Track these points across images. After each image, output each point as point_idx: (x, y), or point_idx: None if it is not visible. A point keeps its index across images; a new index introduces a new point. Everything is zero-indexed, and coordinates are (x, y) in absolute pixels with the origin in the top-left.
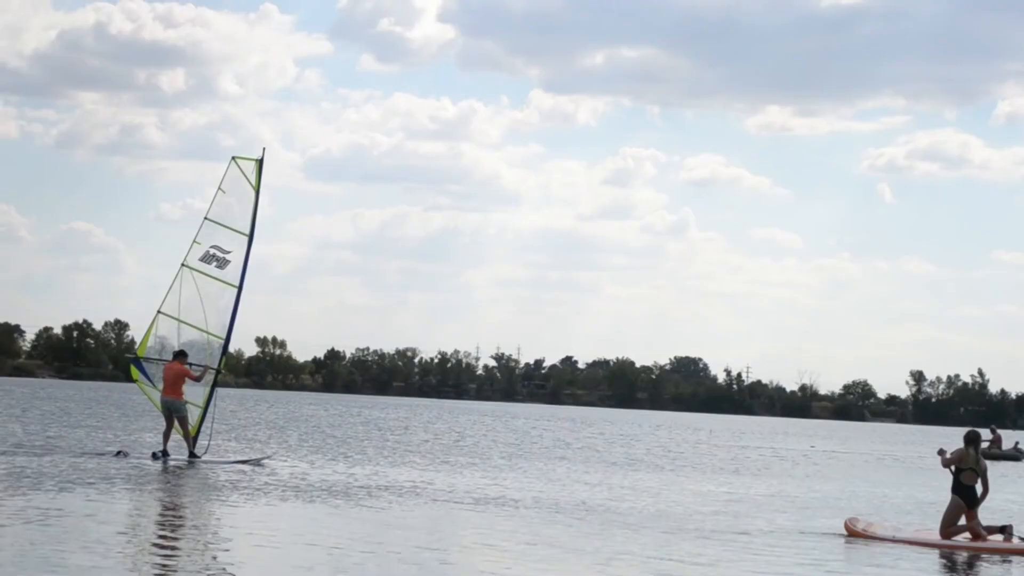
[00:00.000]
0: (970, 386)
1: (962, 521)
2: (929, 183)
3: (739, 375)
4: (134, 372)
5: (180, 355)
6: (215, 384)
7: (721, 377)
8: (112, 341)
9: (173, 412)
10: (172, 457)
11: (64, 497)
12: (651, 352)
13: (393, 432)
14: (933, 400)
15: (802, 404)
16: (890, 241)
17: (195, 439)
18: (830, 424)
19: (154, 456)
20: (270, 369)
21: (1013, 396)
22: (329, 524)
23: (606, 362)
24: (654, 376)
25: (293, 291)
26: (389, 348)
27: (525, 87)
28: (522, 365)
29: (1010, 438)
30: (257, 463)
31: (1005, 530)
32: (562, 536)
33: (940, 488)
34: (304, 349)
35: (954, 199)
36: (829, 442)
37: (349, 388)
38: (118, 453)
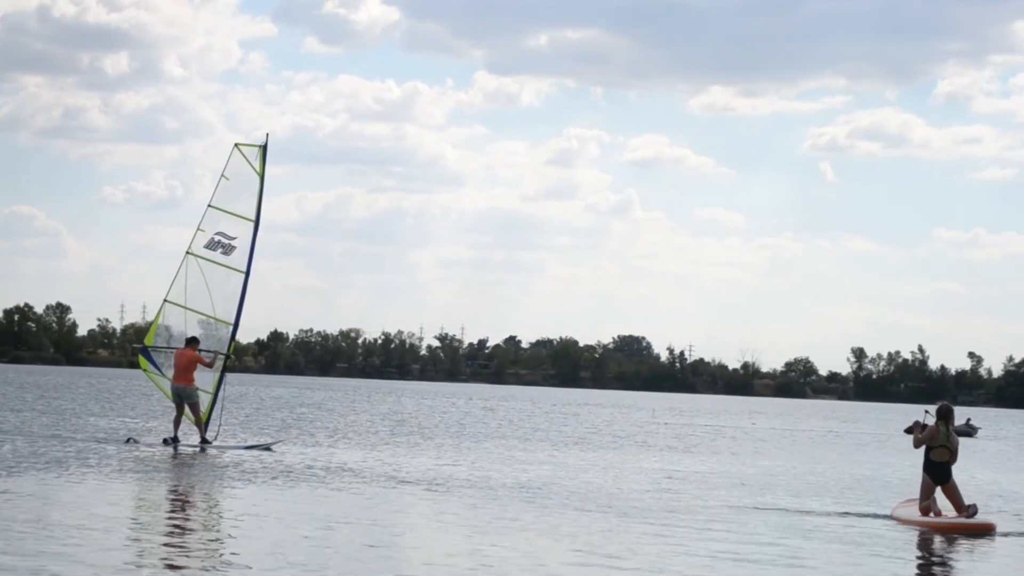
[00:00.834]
0: (910, 363)
1: (941, 499)
2: (870, 162)
3: (682, 353)
4: (142, 362)
5: (192, 341)
6: (225, 369)
7: (664, 356)
8: (54, 324)
9: (184, 399)
10: (182, 443)
11: (75, 482)
12: (594, 331)
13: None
14: (874, 377)
15: (744, 382)
16: (832, 220)
17: (206, 425)
18: (772, 401)
19: (165, 442)
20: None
21: (953, 372)
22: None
23: (550, 341)
24: (597, 355)
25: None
26: (333, 329)
27: (469, 69)
28: (466, 345)
29: (961, 415)
30: (268, 448)
31: (968, 508)
32: (511, 516)
33: (881, 464)
34: (247, 331)
35: (895, 178)
36: (771, 419)
37: (292, 370)
38: (128, 440)
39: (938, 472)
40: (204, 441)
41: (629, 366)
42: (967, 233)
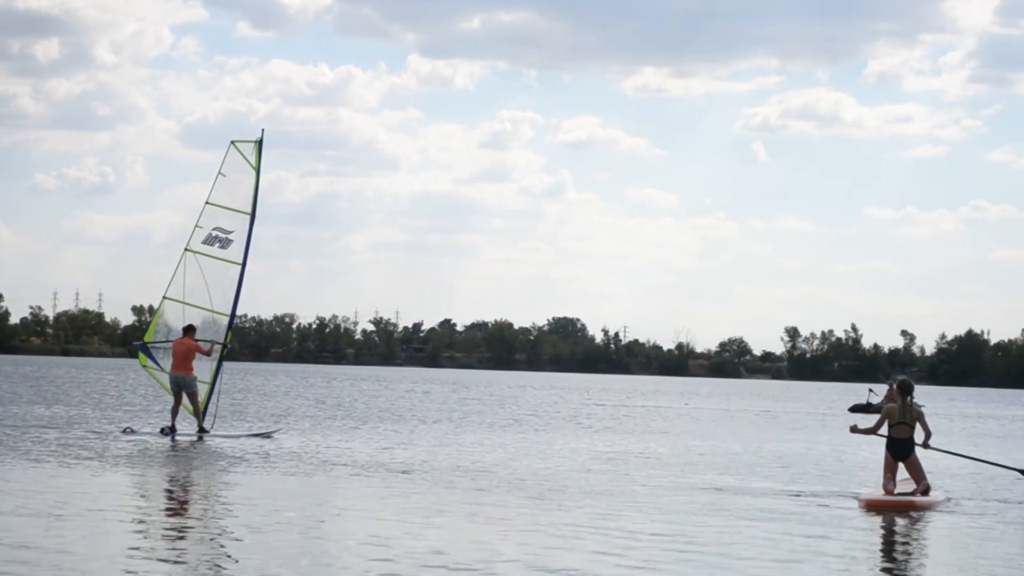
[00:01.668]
0: (844, 341)
1: (904, 475)
2: (802, 142)
3: (616, 335)
4: (142, 358)
5: (189, 330)
6: (222, 359)
7: (599, 337)
8: None
9: (183, 388)
10: (179, 432)
11: (71, 472)
12: (529, 314)
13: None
14: (808, 356)
15: (679, 362)
16: (764, 200)
17: (204, 414)
18: (707, 381)
19: (162, 431)
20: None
21: (886, 350)
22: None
23: (484, 324)
24: (532, 337)
25: (170, 260)
26: (267, 314)
27: (402, 52)
28: (400, 329)
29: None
30: (267, 436)
31: (921, 484)
32: (451, 500)
33: (816, 442)
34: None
35: (827, 157)
36: (705, 399)
37: (227, 355)
38: (125, 430)
39: (898, 448)
40: (202, 430)
41: (564, 348)
42: (899, 211)
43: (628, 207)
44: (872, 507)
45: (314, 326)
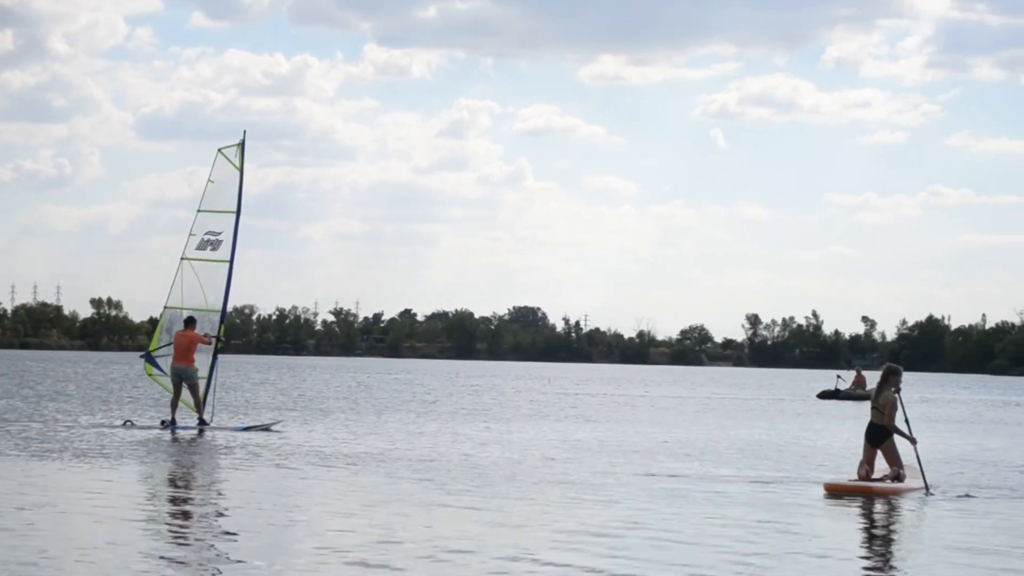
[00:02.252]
0: (805, 328)
1: (881, 461)
2: (761, 128)
3: (577, 323)
4: (148, 368)
5: (190, 322)
6: (216, 352)
7: (560, 326)
8: None
9: (184, 380)
10: (179, 425)
11: (76, 467)
12: (490, 303)
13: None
14: (769, 343)
15: (640, 350)
16: (724, 187)
17: (203, 406)
18: (668, 369)
19: (163, 424)
20: (106, 330)
21: (847, 336)
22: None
23: (445, 314)
24: (493, 327)
25: (128, 251)
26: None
27: (359, 41)
28: (361, 319)
29: (873, 378)
30: (268, 429)
31: (892, 469)
32: (411, 491)
33: (776, 428)
34: (140, 309)
35: (785, 144)
36: (665, 387)
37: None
38: (125, 423)
39: (871, 434)
40: (202, 422)
41: (525, 337)
42: (858, 197)
43: (587, 195)
44: (831, 491)
45: (274, 317)
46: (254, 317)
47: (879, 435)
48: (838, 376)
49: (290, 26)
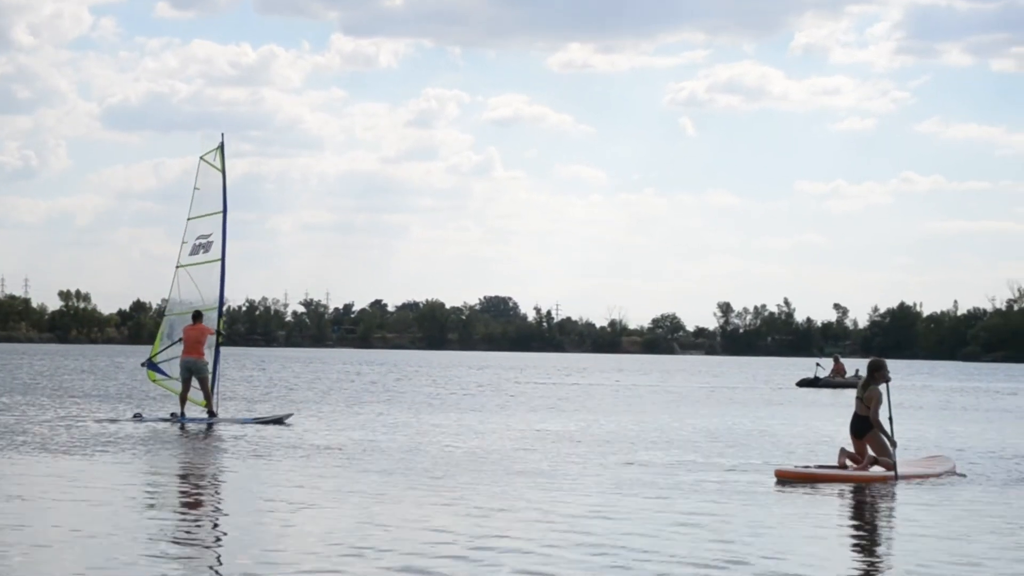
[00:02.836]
0: (777, 315)
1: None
2: (730, 116)
3: (549, 313)
4: (151, 375)
5: (198, 317)
6: (218, 346)
7: (531, 315)
8: None
9: (194, 373)
10: (188, 418)
11: (87, 461)
12: (460, 293)
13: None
14: (741, 331)
15: (612, 339)
16: (693, 174)
17: (211, 398)
18: (640, 358)
19: (172, 417)
20: (74, 323)
21: (819, 324)
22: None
23: (416, 304)
24: (464, 317)
25: (95, 243)
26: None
27: (325, 31)
28: (331, 310)
29: (852, 366)
30: (279, 421)
31: (867, 459)
32: (378, 483)
33: (748, 416)
34: (109, 301)
35: (755, 131)
36: (637, 376)
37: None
38: (135, 416)
39: (855, 426)
40: (211, 415)
41: (496, 327)
42: (828, 184)
43: (557, 184)
44: (781, 478)
45: (244, 309)
46: (224, 308)
47: (863, 427)
48: (817, 364)
49: (256, 15)
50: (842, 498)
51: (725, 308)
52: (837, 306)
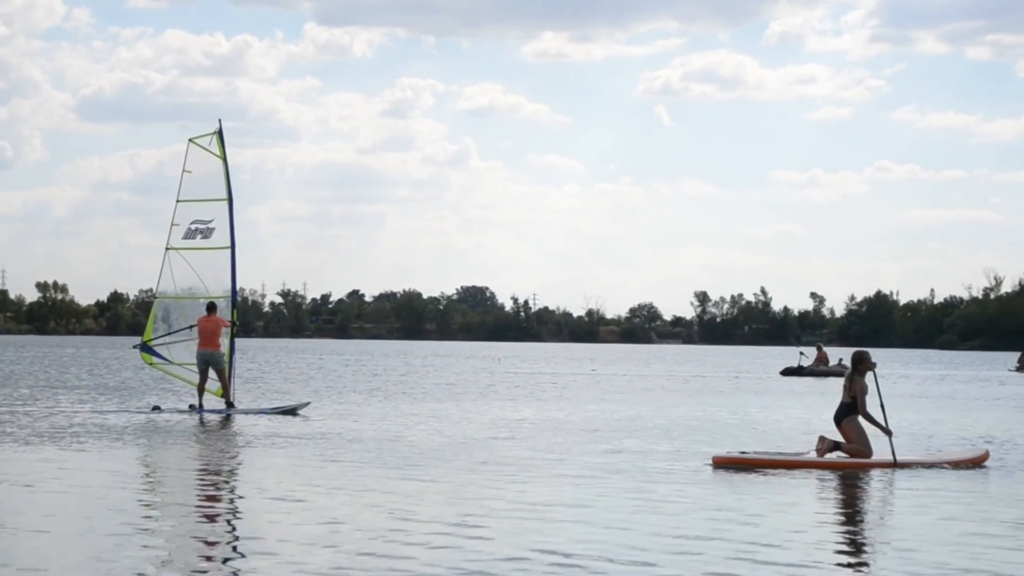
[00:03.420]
0: (754, 305)
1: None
2: (705, 105)
3: (526, 302)
4: (145, 357)
5: (212, 308)
6: (233, 337)
7: (508, 305)
8: None
9: (211, 364)
10: (206, 410)
11: (107, 452)
12: (438, 283)
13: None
14: (718, 320)
15: (589, 329)
16: (669, 164)
17: (229, 389)
18: (617, 348)
19: (191, 408)
20: (52, 314)
21: (796, 313)
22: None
23: (393, 294)
24: (441, 307)
25: (72, 234)
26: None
27: (299, 20)
28: (309, 301)
29: (834, 355)
30: (295, 411)
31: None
32: (355, 473)
33: (725, 405)
34: (86, 293)
35: (731, 120)
36: (613, 365)
37: (134, 331)
38: (154, 408)
39: (837, 413)
40: (229, 405)
41: (473, 316)
42: (804, 173)
43: (533, 174)
44: (718, 464)
45: (221, 300)
46: (200, 300)
47: (841, 412)
48: (801, 353)
49: (229, 5)
50: (786, 482)
51: (702, 297)
52: (814, 295)
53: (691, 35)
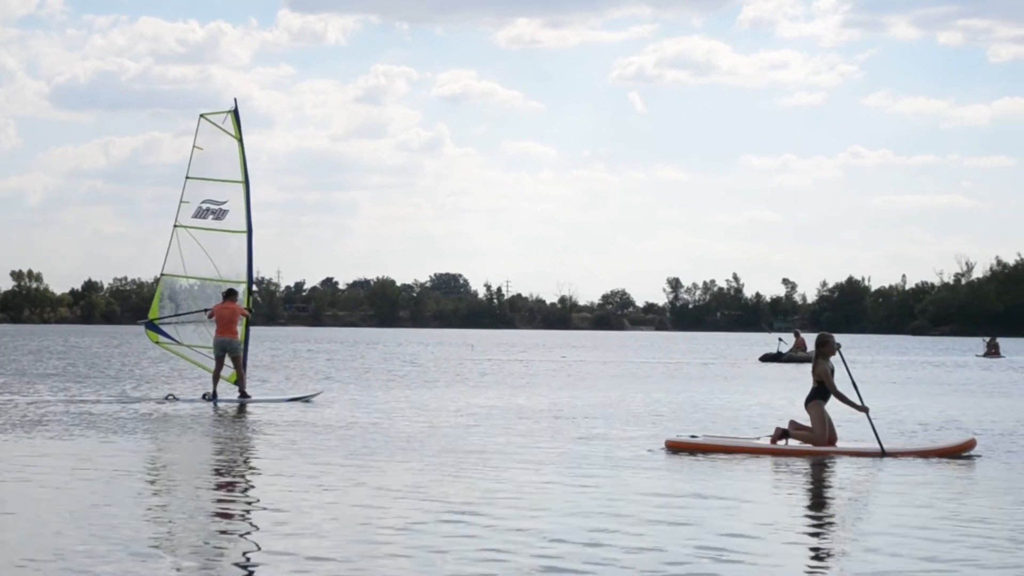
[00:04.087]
0: (726, 291)
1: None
2: (678, 91)
3: (499, 289)
4: (151, 335)
5: (230, 295)
6: (248, 325)
7: (482, 292)
8: None
9: (228, 352)
10: (220, 399)
11: (120, 441)
12: (411, 270)
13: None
14: (690, 306)
15: (562, 316)
16: (643, 150)
17: (243, 378)
18: (590, 334)
19: (204, 397)
20: (27, 303)
21: (768, 299)
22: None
23: (367, 282)
24: (415, 294)
25: (46, 223)
26: (147, 277)
27: (272, 7)
28: (282, 288)
29: (812, 341)
30: (308, 400)
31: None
32: (330, 462)
33: (695, 391)
34: (61, 281)
35: (704, 106)
36: (585, 352)
37: (109, 319)
38: (168, 397)
39: (807, 397)
40: (243, 395)
41: (447, 304)
42: (777, 159)
43: (507, 161)
44: (670, 448)
45: (196, 287)
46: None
47: (808, 397)
48: (779, 339)
49: None
50: (740, 466)
51: (675, 284)
52: (786, 281)
53: (664, 21)
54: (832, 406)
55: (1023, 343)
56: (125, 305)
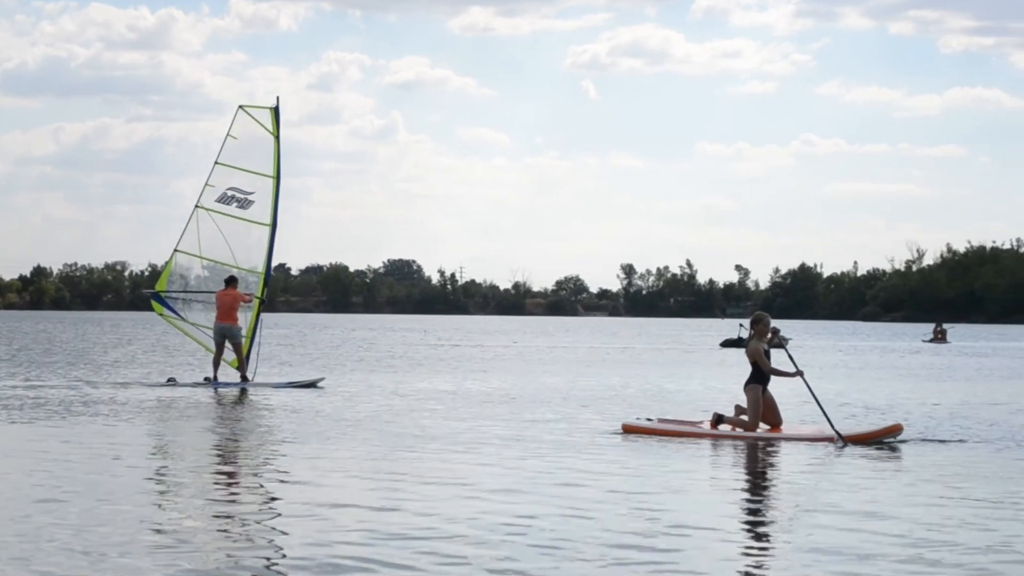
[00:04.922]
0: (679, 277)
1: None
2: (632, 79)
3: (453, 275)
4: (156, 307)
5: (231, 282)
6: (259, 311)
7: (435, 278)
8: None
9: (228, 338)
10: (221, 383)
11: (120, 425)
12: (364, 256)
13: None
14: (644, 292)
15: (516, 302)
16: (596, 137)
17: (245, 363)
18: (543, 320)
19: (205, 380)
20: None
21: (721, 285)
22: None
23: (320, 268)
24: (368, 280)
25: None
26: (97, 263)
27: None
28: None
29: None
30: (312, 385)
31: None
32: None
33: (645, 376)
34: (9, 267)
35: (657, 94)
36: (536, 338)
37: (58, 305)
38: (169, 380)
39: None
40: (244, 379)
41: (400, 290)
42: (730, 147)
43: (460, 148)
44: (627, 431)
45: (147, 273)
46: (126, 273)
47: (747, 379)
48: (740, 325)
49: None
50: (691, 451)
51: (628, 270)
52: (739, 267)
53: (618, 10)
54: (776, 386)
55: (972, 329)
56: (75, 291)
